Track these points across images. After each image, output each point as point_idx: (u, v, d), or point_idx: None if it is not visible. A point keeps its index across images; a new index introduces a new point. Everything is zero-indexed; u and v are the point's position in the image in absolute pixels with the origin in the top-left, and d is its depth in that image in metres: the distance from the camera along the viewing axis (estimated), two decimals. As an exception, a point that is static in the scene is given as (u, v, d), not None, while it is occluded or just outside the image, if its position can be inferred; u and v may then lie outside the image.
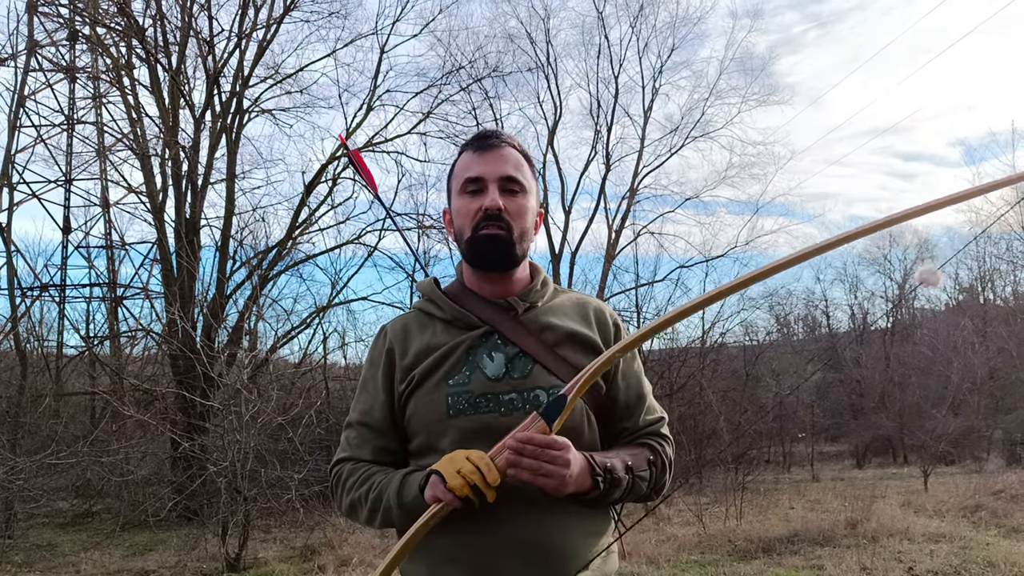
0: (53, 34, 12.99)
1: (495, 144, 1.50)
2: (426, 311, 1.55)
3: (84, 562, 7.25)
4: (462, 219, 1.49)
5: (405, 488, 1.37)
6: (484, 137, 1.52)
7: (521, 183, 1.49)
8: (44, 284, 14.12)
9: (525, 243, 1.51)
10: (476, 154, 1.49)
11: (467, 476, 1.26)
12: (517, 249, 1.48)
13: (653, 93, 16.63)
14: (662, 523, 8.52)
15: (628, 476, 1.41)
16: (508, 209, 1.46)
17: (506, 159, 1.49)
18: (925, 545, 6.69)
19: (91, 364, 14.11)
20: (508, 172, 1.48)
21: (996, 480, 10.75)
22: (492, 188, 1.46)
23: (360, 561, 6.74)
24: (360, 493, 1.43)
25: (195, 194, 11.21)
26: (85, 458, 9.45)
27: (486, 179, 1.46)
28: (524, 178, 1.50)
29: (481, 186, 1.47)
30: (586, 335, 1.51)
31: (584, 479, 1.34)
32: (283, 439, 8.23)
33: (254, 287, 11.19)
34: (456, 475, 1.26)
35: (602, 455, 1.39)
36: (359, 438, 1.53)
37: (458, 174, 1.52)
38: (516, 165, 1.50)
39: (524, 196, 1.49)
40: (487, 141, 1.50)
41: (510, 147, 1.51)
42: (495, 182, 1.46)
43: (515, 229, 1.47)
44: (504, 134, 1.53)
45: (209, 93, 11.44)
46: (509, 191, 1.48)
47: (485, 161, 1.48)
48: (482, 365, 1.45)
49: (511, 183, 1.48)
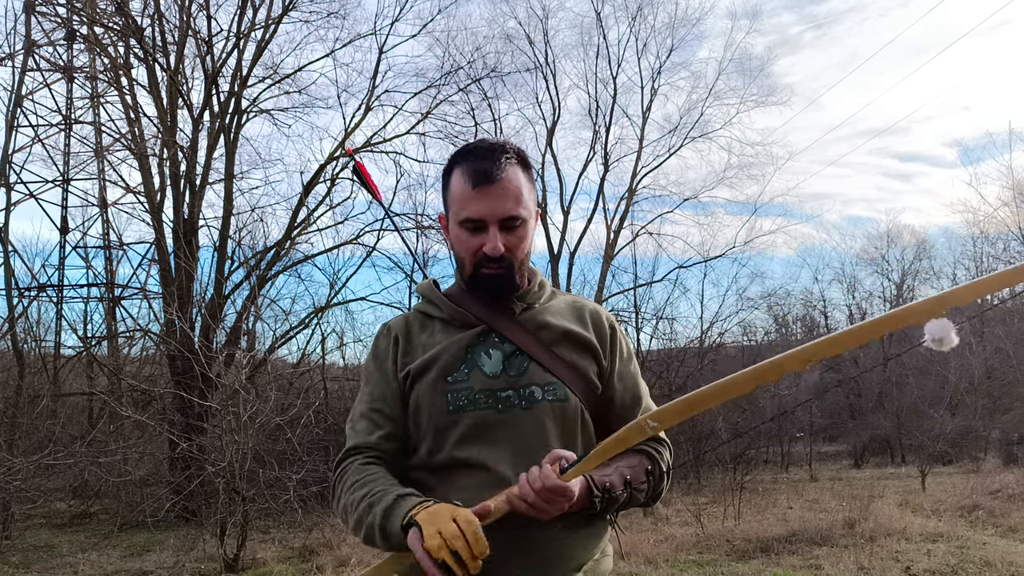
0: (51, 34, 13.01)
1: (494, 177, 1.40)
2: (425, 312, 1.56)
3: (82, 563, 7.24)
4: (461, 251, 1.47)
5: (392, 513, 1.28)
6: (482, 161, 1.41)
7: (521, 216, 1.44)
8: (41, 284, 14.12)
9: (525, 266, 1.50)
10: (475, 191, 1.40)
11: (449, 541, 1.15)
12: (518, 279, 1.48)
13: (652, 94, 16.69)
14: (660, 523, 8.52)
15: (626, 492, 1.40)
16: (508, 246, 1.43)
17: (506, 194, 1.41)
18: (922, 545, 6.70)
19: (89, 364, 14.11)
20: (508, 211, 1.41)
21: (993, 480, 10.76)
22: (493, 231, 1.41)
23: (359, 561, 6.73)
24: (353, 499, 1.37)
25: (193, 194, 11.20)
26: (83, 459, 9.44)
27: (487, 221, 1.42)
28: (524, 207, 1.44)
29: (481, 226, 1.42)
30: (582, 335, 1.52)
31: (582, 501, 1.34)
32: (281, 439, 8.22)
33: (252, 287, 11.19)
34: (436, 535, 1.15)
35: (601, 472, 1.37)
36: (370, 424, 1.48)
37: (455, 201, 1.45)
38: (516, 198, 1.42)
39: (524, 227, 1.45)
40: (486, 174, 1.40)
41: (508, 170, 1.42)
42: (495, 223, 1.41)
43: (516, 262, 1.46)
44: (499, 151, 1.43)
45: (207, 93, 11.44)
46: (510, 228, 1.43)
47: (484, 198, 1.40)
48: (480, 363, 1.46)
49: (512, 220, 1.43)
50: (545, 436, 1.42)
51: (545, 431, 1.42)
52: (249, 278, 11.54)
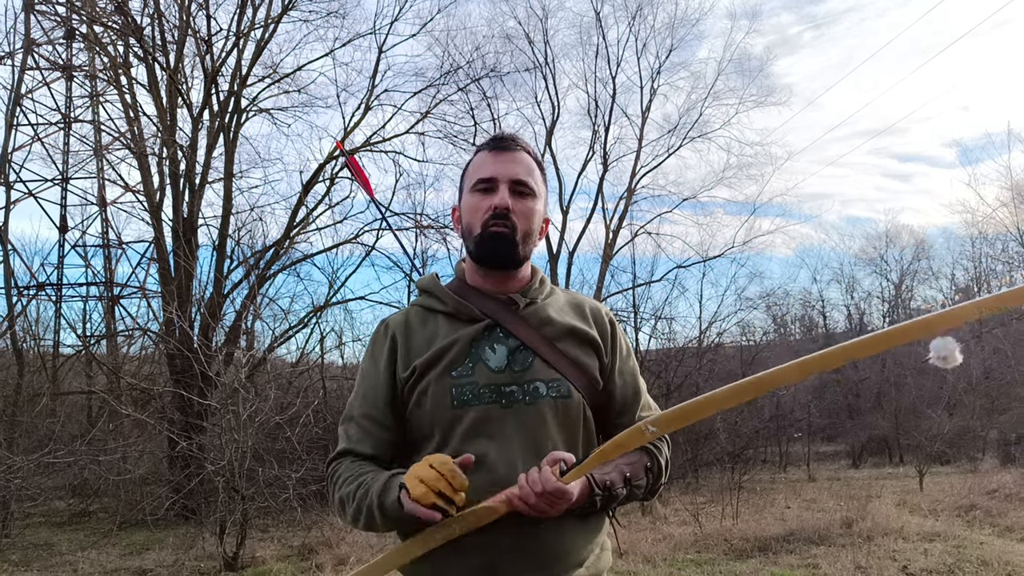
0: (50, 32, 13.00)
1: (510, 147, 1.54)
2: (426, 306, 1.57)
3: (81, 561, 7.24)
4: (471, 215, 1.53)
5: (387, 490, 1.36)
6: (500, 139, 1.56)
7: (531, 187, 1.54)
8: (40, 283, 14.13)
9: (529, 244, 1.54)
10: (491, 154, 1.54)
11: (430, 483, 1.24)
12: (520, 249, 1.51)
13: (651, 93, 16.70)
14: (658, 522, 8.54)
15: (626, 488, 1.43)
16: (515, 210, 1.50)
17: (519, 162, 1.53)
18: (919, 544, 6.72)
19: (88, 363, 14.11)
20: (519, 175, 1.52)
21: (991, 480, 10.79)
22: (503, 188, 1.50)
23: (358, 560, 6.74)
24: (349, 490, 1.42)
25: (192, 193, 11.21)
26: (82, 457, 9.45)
27: (498, 179, 1.51)
28: (535, 183, 1.55)
29: (492, 185, 1.51)
30: (585, 331, 1.54)
31: (582, 499, 1.36)
32: (281, 438, 8.23)
33: (251, 286, 11.19)
34: (419, 484, 1.24)
35: (602, 470, 1.40)
36: (361, 431, 1.51)
37: (471, 172, 1.56)
38: (528, 170, 1.54)
39: (533, 199, 1.53)
40: (503, 143, 1.55)
41: (524, 152, 1.55)
42: (506, 183, 1.51)
43: (520, 229, 1.50)
44: (521, 139, 1.58)
45: (207, 92, 11.44)
46: (519, 193, 1.51)
47: (499, 161, 1.52)
48: (485, 357, 1.47)
49: (521, 186, 1.52)
50: (548, 431, 1.43)
51: (548, 426, 1.44)
52: (248, 277, 11.54)
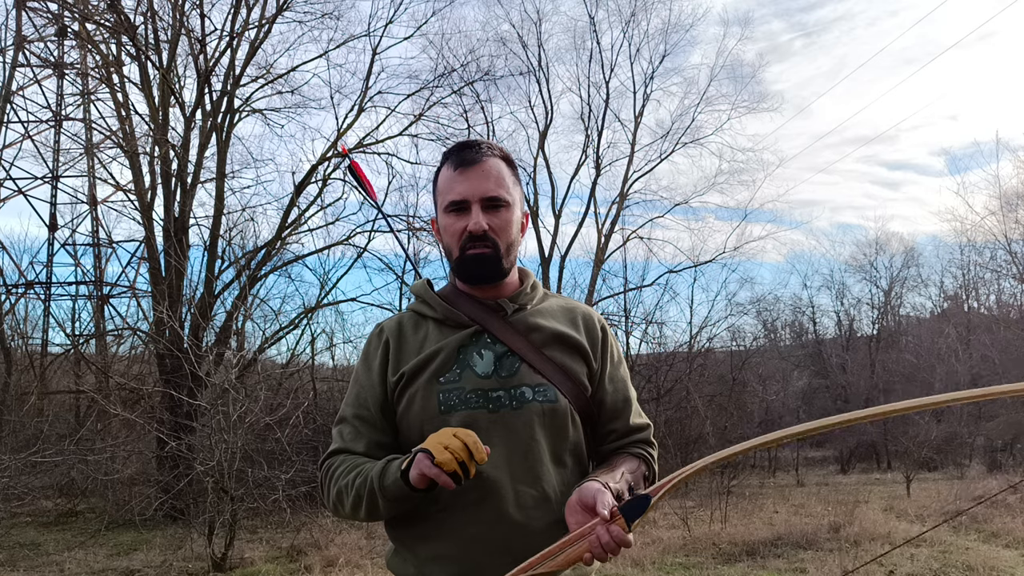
0: (42, 29, 12.94)
1: (476, 160, 1.49)
2: (419, 312, 1.59)
3: (68, 561, 7.20)
4: (448, 238, 1.52)
5: (387, 470, 1.37)
6: (464, 151, 1.51)
7: (503, 198, 1.50)
8: (29, 281, 14.03)
9: (512, 255, 1.54)
10: (457, 172, 1.49)
11: (455, 452, 1.27)
12: (504, 263, 1.52)
13: (644, 99, 16.75)
14: (647, 526, 8.56)
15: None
16: (492, 227, 1.48)
17: (487, 175, 1.49)
18: (906, 549, 6.77)
19: (76, 362, 14.01)
20: (489, 191, 1.48)
21: (977, 486, 10.89)
22: (475, 209, 1.47)
23: (347, 562, 6.74)
24: (347, 481, 1.43)
25: (184, 193, 11.16)
26: (70, 456, 9.38)
27: (469, 200, 1.48)
28: (507, 191, 1.51)
29: (464, 207, 1.48)
30: (573, 337, 1.55)
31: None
32: (270, 439, 8.22)
33: (242, 287, 11.16)
34: (444, 451, 1.27)
35: (614, 478, 1.40)
36: (354, 432, 1.52)
37: (441, 191, 1.53)
38: (497, 180, 1.50)
39: (507, 210, 1.51)
40: (467, 157, 1.49)
41: (491, 157, 1.51)
42: (477, 203, 1.47)
43: (501, 245, 1.50)
44: (484, 143, 1.53)
45: (200, 92, 11.40)
46: (492, 208, 1.49)
47: (466, 179, 1.48)
48: (472, 363, 1.48)
49: (493, 201, 1.49)
50: (534, 436, 1.45)
51: (534, 431, 1.45)
52: (239, 277, 11.50)
